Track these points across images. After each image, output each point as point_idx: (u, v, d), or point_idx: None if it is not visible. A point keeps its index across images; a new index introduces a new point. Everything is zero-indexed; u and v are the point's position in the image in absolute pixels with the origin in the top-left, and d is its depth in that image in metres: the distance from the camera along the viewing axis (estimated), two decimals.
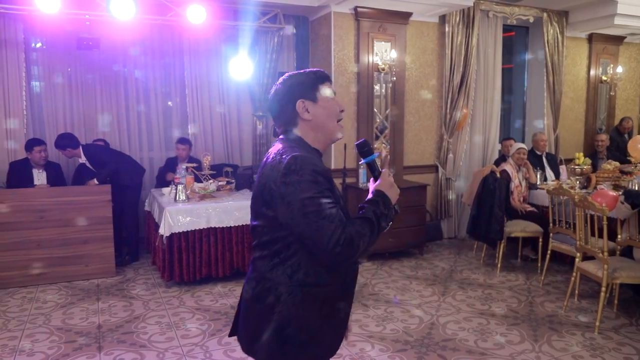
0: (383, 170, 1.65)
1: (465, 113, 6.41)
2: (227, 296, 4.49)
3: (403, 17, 5.95)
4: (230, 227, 4.81)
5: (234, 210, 4.80)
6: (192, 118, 6.35)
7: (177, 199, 4.86)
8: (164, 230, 4.59)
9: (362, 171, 5.68)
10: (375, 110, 6.00)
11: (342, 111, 1.65)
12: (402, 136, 6.18)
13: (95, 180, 5.23)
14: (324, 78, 1.64)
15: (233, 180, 5.63)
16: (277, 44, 6.27)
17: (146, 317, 4.00)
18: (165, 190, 5.27)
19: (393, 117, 6.09)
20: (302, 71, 1.66)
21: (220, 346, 3.48)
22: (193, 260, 4.72)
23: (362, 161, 1.68)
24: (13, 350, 3.44)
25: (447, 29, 6.26)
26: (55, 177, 5.35)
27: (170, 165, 5.88)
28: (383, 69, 5.90)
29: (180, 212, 4.63)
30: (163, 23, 5.53)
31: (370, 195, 1.60)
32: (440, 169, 6.48)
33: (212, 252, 4.78)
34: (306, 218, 1.41)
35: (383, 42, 5.92)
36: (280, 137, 1.63)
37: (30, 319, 3.96)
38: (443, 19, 6.29)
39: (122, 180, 5.42)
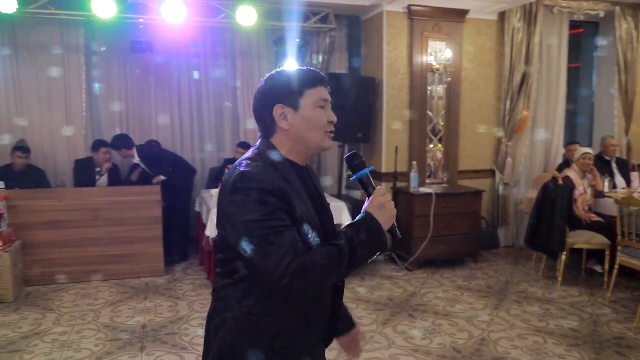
0: (377, 187, 1.43)
1: (526, 115, 6.06)
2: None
3: (459, 14, 5.69)
4: None
5: None
6: (243, 119, 6.38)
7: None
8: (210, 232, 4.60)
9: (414, 175, 5.49)
10: (428, 112, 5.78)
11: (331, 122, 1.43)
12: (457, 139, 5.92)
13: (161, 176, 5.35)
14: (315, 81, 1.41)
15: None
16: (329, 44, 6.19)
17: (189, 319, 4.01)
18: (214, 191, 5.29)
19: (447, 119, 5.85)
20: (289, 70, 1.44)
21: None
22: None
23: (353, 177, 1.47)
24: (62, 345, 3.53)
25: (506, 26, 5.94)
26: (114, 177, 5.51)
27: (227, 165, 5.92)
28: (437, 69, 5.67)
29: None
30: (214, 25, 5.57)
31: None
32: (497, 173, 6.16)
33: None
34: (251, 243, 1.24)
35: (437, 42, 5.69)
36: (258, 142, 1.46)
37: (81, 315, 4.07)
38: (502, 15, 5.97)
39: (173, 180, 5.50)
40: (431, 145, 5.86)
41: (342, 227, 1.37)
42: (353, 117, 5.46)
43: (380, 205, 1.37)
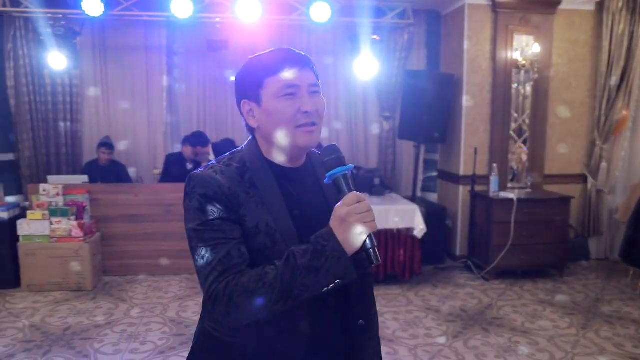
0: (351, 192, 1.11)
1: (625, 115, 5.46)
2: None
3: (550, 6, 5.24)
4: None
5: None
6: None
7: None
8: None
9: (494, 178, 5.12)
10: (512, 111, 5.38)
11: (306, 112, 1.17)
12: (544, 141, 5.46)
13: None
14: (276, 66, 1.18)
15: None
16: (407, 41, 5.96)
17: None
18: None
19: (533, 119, 5.41)
20: (255, 57, 1.24)
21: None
22: None
23: (326, 179, 1.15)
24: (130, 336, 3.62)
25: (605, 17, 5.38)
26: None
27: None
28: (523, 66, 5.26)
29: None
30: (289, 23, 5.54)
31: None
32: (590, 179, 5.61)
33: None
34: (191, 252, 1.14)
35: (524, 36, 5.27)
36: None
37: (150, 308, 4.17)
38: (601, 5, 5.42)
39: None
40: (515, 147, 5.45)
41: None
42: (430, 116, 5.20)
43: (341, 219, 1.07)
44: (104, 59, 5.87)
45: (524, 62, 5.25)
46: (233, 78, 1.32)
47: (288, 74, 1.18)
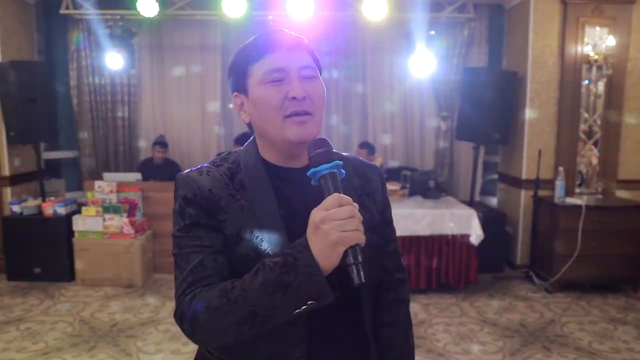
0: (332, 194, 0.92)
1: None
2: None
3: None
4: (397, 236, 4.40)
5: (400, 218, 4.38)
6: (372, 117, 6.14)
7: None
8: None
9: (560, 183, 4.74)
10: (582, 111, 4.97)
11: (294, 98, 1.00)
12: (618, 143, 5.01)
13: None
14: (260, 50, 1.04)
15: (407, 186, 5.22)
16: (468, 36, 5.68)
17: None
18: None
19: (606, 119, 4.97)
20: (242, 45, 1.10)
21: None
22: None
23: (309, 172, 0.97)
24: (173, 336, 3.59)
25: None
26: None
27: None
28: (596, 61, 4.84)
29: None
30: (343, 20, 5.39)
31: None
32: None
33: None
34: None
35: (598, 28, 4.85)
36: None
37: None
38: None
39: None
40: (584, 150, 5.04)
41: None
42: (490, 115, 4.89)
43: (316, 226, 0.90)
44: (160, 58, 5.95)
45: (596, 57, 4.83)
46: None
47: (272, 57, 1.02)
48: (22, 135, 4.64)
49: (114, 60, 5.25)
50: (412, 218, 4.38)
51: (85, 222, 4.61)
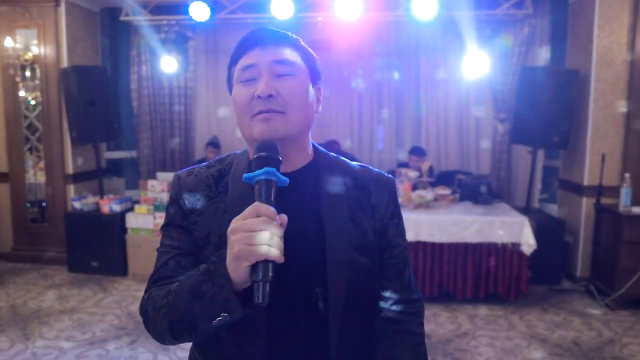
0: (254, 203, 0.87)
1: None
2: (427, 321, 3.96)
3: None
4: (442, 243, 4.26)
5: (448, 224, 4.22)
6: (425, 119, 5.98)
7: None
8: None
9: (626, 190, 4.37)
10: None
11: (259, 97, 0.96)
12: None
13: None
14: (241, 50, 1.02)
15: (458, 190, 5.02)
16: (528, 34, 5.39)
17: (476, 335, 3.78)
18: None
19: None
20: None
21: None
22: None
23: (244, 177, 0.92)
24: None
25: None
26: None
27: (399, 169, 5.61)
28: None
29: None
30: (394, 19, 5.28)
31: None
32: None
33: (419, 268, 4.32)
34: None
35: None
36: None
37: None
38: None
39: None
40: None
41: None
42: (548, 117, 4.61)
43: (227, 236, 0.86)
44: (215, 61, 6.10)
45: None
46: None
47: (247, 56, 1.00)
48: (82, 135, 4.91)
49: (169, 64, 5.43)
50: (459, 224, 4.21)
51: (138, 220, 4.79)
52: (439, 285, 4.29)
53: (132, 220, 4.80)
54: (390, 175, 1.16)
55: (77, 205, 5.03)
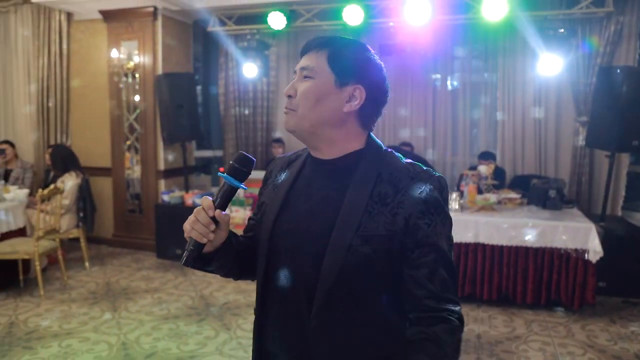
0: (202, 198, 1.16)
1: None
2: (481, 322, 3.97)
3: None
4: (502, 246, 4.22)
5: (508, 228, 4.18)
6: (501, 122, 5.88)
7: (450, 207, 4.57)
8: None
9: None
10: None
11: (288, 96, 1.19)
12: None
13: None
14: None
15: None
16: (614, 33, 5.12)
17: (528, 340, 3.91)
18: (453, 196, 5.04)
19: None
20: None
21: None
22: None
23: (224, 177, 1.16)
24: None
25: None
26: None
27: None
28: None
29: None
30: (465, 22, 5.27)
31: None
32: None
33: (477, 270, 4.31)
34: None
35: None
36: None
37: None
38: None
39: None
40: None
41: None
42: (627, 120, 4.37)
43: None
44: (294, 66, 6.42)
45: None
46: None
47: (300, 61, 1.22)
48: (171, 136, 5.47)
49: (250, 69, 5.86)
50: (519, 228, 4.15)
51: None
52: (498, 288, 4.25)
53: None
54: (438, 175, 1.16)
55: (165, 198, 5.61)
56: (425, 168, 1.17)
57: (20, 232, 4.71)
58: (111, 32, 5.82)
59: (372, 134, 1.23)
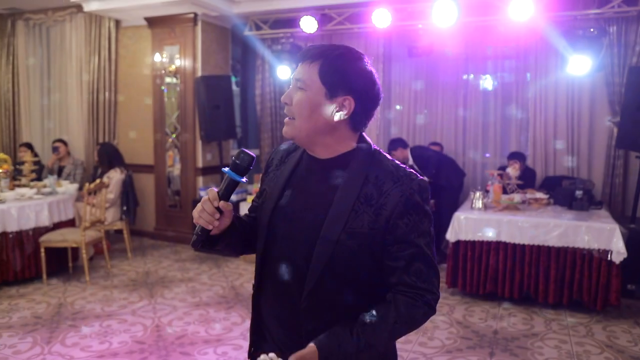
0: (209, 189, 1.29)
1: None
2: (499, 319, 4.03)
3: None
4: (524, 245, 4.26)
5: (529, 227, 4.22)
6: (533, 123, 5.85)
7: (474, 206, 4.65)
8: (450, 235, 4.50)
9: None
10: None
11: (285, 103, 1.32)
12: None
13: (425, 178, 5.57)
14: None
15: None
16: None
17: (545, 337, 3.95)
18: (476, 195, 5.10)
19: None
20: None
21: None
22: (478, 272, 4.44)
23: (227, 172, 1.28)
24: (416, 332, 3.66)
25: None
26: None
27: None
28: None
29: (469, 219, 4.43)
30: (493, 24, 5.32)
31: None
32: None
33: (499, 268, 4.36)
34: None
35: None
36: None
37: (437, 306, 4.37)
38: None
39: (440, 181, 5.57)
40: None
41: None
42: None
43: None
44: None
45: None
46: None
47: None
48: (208, 135, 5.78)
49: (284, 71, 6.09)
50: (541, 227, 4.18)
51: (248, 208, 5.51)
52: (520, 287, 4.29)
53: (244, 209, 5.53)
54: (420, 178, 1.29)
55: (202, 194, 5.90)
56: (409, 171, 1.30)
57: (70, 223, 5.11)
58: (155, 37, 6.19)
59: (363, 133, 1.36)
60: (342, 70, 1.26)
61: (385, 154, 1.36)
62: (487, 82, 6.06)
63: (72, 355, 3.33)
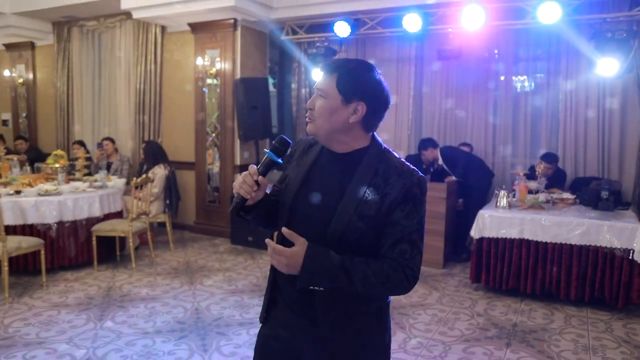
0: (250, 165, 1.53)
1: None
2: (520, 314, 4.17)
3: None
4: (547, 242, 4.38)
5: (552, 225, 4.34)
6: (563, 124, 5.92)
7: (498, 204, 4.79)
8: (474, 232, 4.66)
9: None
10: None
11: (309, 108, 1.54)
12: None
13: (452, 177, 5.74)
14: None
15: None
16: None
17: (563, 332, 4.06)
18: (501, 194, 5.23)
19: None
20: None
21: None
22: (501, 269, 4.58)
23: (267, 153, 1.53)
24: (439, 320, 4.03)
25: None
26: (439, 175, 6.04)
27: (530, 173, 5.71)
28: None
29: (493, 217, 4.58)
30: (521, 27, 5.43)
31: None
32: None
33: (522, 265, 4.50)
34: None
35: None
36: None
37: (460, 300, 4.53)
38: None
39: (468, 181, 5.71)
40: None
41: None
42: None
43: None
44: None
45: None
46: None
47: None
48: (246, 134, 6.11)
49: (318, 74, 6.34)
50: (564, 226, 4.29)
51: None
52: (542, 283, 4.41)
53: None
54: (420, 174, 1.53)
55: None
56: (411, 167, 1.54)
57: (118, 215, 5.54)
58: (197, 42, 6.58)
59: (375, 134, 1.61)
60: (355, 80, 1.49)
61: (393, 152, 1.60)
62: (517, 84, 6.15)
63: (121, 331, 3.70)
